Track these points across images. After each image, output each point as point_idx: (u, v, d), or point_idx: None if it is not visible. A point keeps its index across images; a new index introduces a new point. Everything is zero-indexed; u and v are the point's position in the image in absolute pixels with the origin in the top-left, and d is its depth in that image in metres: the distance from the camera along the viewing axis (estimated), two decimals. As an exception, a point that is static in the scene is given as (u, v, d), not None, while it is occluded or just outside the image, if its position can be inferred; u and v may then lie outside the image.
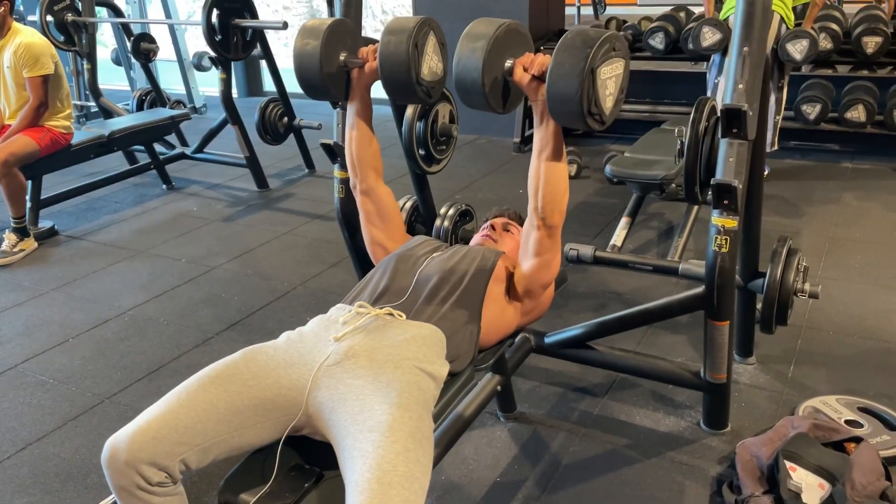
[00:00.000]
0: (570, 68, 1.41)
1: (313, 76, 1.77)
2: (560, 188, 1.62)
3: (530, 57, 1.56)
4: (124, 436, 1.33)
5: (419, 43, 1.68)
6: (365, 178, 1.93)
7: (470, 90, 1.54)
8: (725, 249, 1.88)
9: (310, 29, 1.78)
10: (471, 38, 1.53)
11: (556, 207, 1.63)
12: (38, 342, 2.93)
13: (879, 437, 2.09)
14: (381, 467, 1.23)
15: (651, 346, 2.69)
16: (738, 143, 1.84)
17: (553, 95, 1.45)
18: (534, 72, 1.54)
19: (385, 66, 1.68)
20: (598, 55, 1.41)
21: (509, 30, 1.55)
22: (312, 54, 1.75)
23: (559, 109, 1.47)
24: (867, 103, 4.40)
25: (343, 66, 1.81)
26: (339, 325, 1.55)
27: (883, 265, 3.25)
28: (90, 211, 4.46)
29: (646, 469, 2.08)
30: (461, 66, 1.53)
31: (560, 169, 1.61)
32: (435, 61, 1.73)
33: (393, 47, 1.67)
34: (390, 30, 1.68)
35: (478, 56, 1.50)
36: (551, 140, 1.59)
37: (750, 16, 1.84)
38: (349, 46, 1.82)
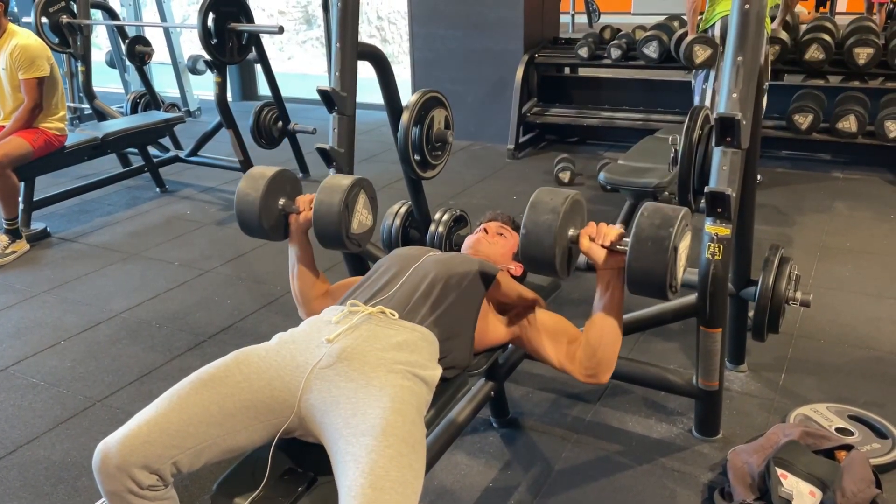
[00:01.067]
0: (653, 246, 1.49)
1: (252, 220, 1.88)
2: (616, 352, 1.69)
3: (594, 227, 1.63)
4: (115, 440, 1.32)
5: (349, 203, 1.81)
6: (311, 309, 1.93)
7: (540, 261, 1.60)
8: (718, 257, 1.90)
9: (253, 176, 1.90)
10: (539, 211, 1.60)
11: (608, 367, 1.70)
12: (30, 344, 2.91)
13: (870, 445, 2.10)
14: (374, 472, 1.23)
15: (644, 352, 2.70)
16: (732, 151, 1.85)
17: (636, 271, 1.52)
18: (603, 243, 1.60)
19: (318, 222, 1.82)
20: (678, 233, 1.49)
21: (573, 201, 1.62)
22: (252, 201, 1.86)
23: (641, 283, 1.53)
24: (858, 114, 4.43)
25: (281, 211, 1.91)
26: (332, 324, 1.55)
27: (873, 274, 3.27)
28: (83, 213, 4.45)
29: (638, 475, 2.09)
30: (532, 238, 1.59)
31: (618, 333, 1.68)
32: (364, 215, 1.88)
33: (326, 207, 1.80)
34: (324, 188, 1.82)
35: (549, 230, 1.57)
36: (617, 306, 1.66)
37: (744, 26, 1.86)
38: (288, 193, 1.92)
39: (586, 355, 1.69)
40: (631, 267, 1.52)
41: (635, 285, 1.55)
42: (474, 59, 5.58)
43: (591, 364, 1.69)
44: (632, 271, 1.53)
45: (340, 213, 1.79)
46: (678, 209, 1.53)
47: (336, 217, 1.79)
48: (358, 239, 1.88)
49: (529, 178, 4.89)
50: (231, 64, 4.54)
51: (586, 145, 5.67)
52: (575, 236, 1.62)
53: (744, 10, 1.86)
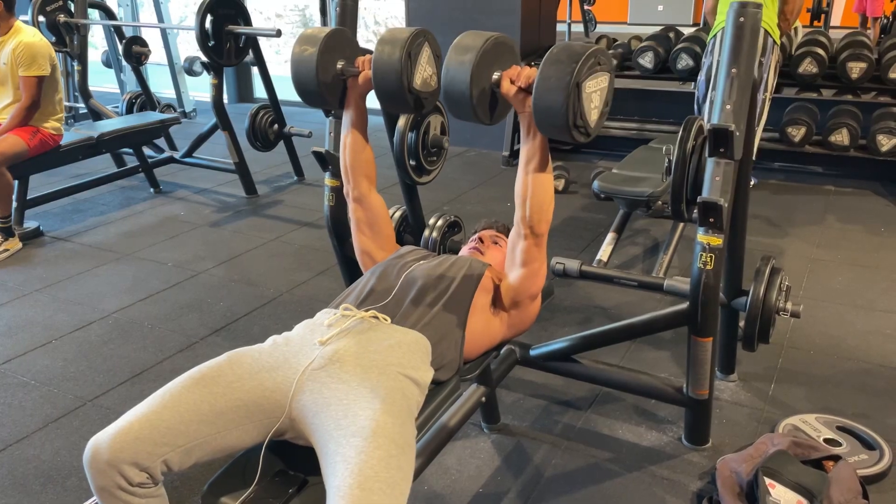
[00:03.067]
0: (556, 81, 1.43)
1: (309, 83, 1.78)
2: (546, 197, 1.65)
3: (517, 69, 1.59)
4: (106, 436, 1.32)
5: (412, 53, 1.68)
6: (357, 185, 1.95)
7: (458, 101, 1.55)
8: (710, 267, 1.91)
9: (308, 36, 1.79)
10: (459, 51, 1.55)
11: (542, 216, 1.66)
12: (21, 343, 2.91)
13: (857, 455, 2.12)
14: (364, 473, 1.24)
15: (635, 360, 2.71)
16: (725, 162, 1.87)
17: (539, 108, 1.47)
18: (521, 84, 1.56)
19: (378, 74, 1.69)
20: (583, 69, 1.44)
21: (497, 42, 1.56)
22: (309, 61, 1.76)
23: (545, 121, 1.49)
24: (851, 127, 4.47)
25: (339, 74, 1.82)
26: (325, 328, 1.56)
27: (863, 287, 3.30)
28: (76, 212, 4.44)
29: (627, 483, 2.09)
30: (449, 77, 1.54)
31: (546, 179, 1.64)
32: (429, 72, 1.74)
33: (387, 56, 1.67)
34: (384, 39, 1.69)
35: (466, 67, 1.52)
36: (538, 151, 1.62)
37: (738, 39, 1.88)
38: (346, 55, 1.83)
39: (519, 213, 1.66)
40: (535, 103, 1.47)
41: (541, 125, 1.50)
42: (471, 65, 5.60)
43: (524, 215, 1.65)
44: (536, 109, 1.47)
45: (402, 62, 1.65)
46: (589, 45, 1.47)
47: (397, 66, 1.65)
48: (420, 96, 1.72)
49: (524, 185, 4.90)
50: (228, 66, 4.55)
51: (581, 153, 5.69)
52: (498, 79, 1.57)
53: (738, 23, 1.88)
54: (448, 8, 5.54)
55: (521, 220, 1.68)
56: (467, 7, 5.47)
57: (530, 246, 1.70)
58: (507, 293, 1.78)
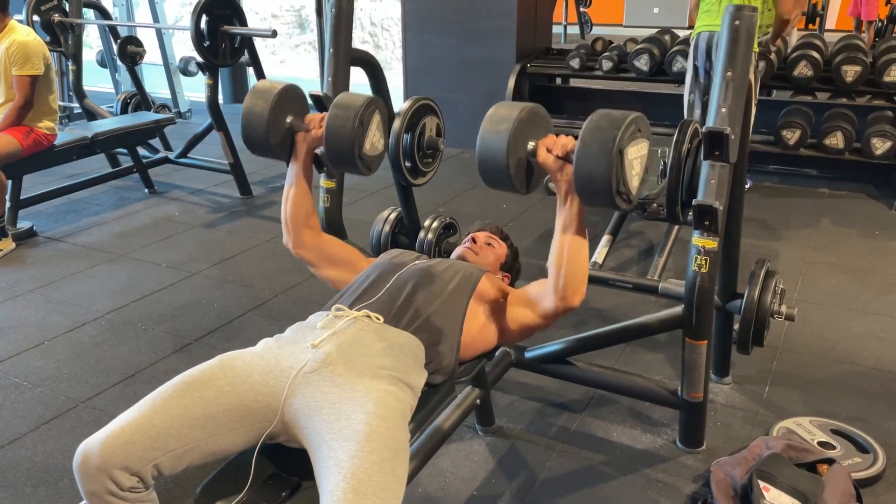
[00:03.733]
0: (598, 148, 1.43)
1: (258, 135, 1.81)
2: (583, 268, 1.63)
3: (553, 138, 1.58)
4: (97, 440, 1.31)
5: (364, 121, 1.75)
6: (298, 236, 1.91)
7: (495, 171, 1.55)
8: (705, 270, 1.91)
9: (260, 90, 1.83)
10: (494, 121, 1.55)
11: (577, 288, 1.63)
12: (13, 344, 2.89)
13: (851, 459, 2.12)
14: (356, 477, 1.23)
15: (629, 363, 2.71)
16: (720, 165, 1.87)
17: (581, 175, 1.46)
18: (557, 152, 1.55)
19: (330, 137, 1.74)
20: (625, 136, 1.44)
21: (532, 112, 1.57)
22: (260, 115, 1.79)
23: (587, 189, 1.48)
24: (845, 130, 4.48)
25: (289, 128, 1.85)
26: (317, 329, 1.55)
27: (857, 290, 3.30)
28: (70, 213, 4.42)
29: (622, 486, 2.09)
30: (485, 148, 1.54)
31: (584, 249, 1.62)
32: (377, 137, 1.80)
33: (340, 122, 1.73)
34: (338, 104, 1.75)
35: (502, 137, 1.52)
36: (575, 219, 1.60)
37: (734, 43, 1.88)
38: (296, 111, 1.87)
39: (552, 279, 1.64)
40: (577, 172, 1.46)
41: (583, 192, 1.49)
42: (467, 67, 5.60)
43: (560, 286, 1.63)
44: (578, 177, 1.47)
45: (354, 130, 1.71)
46: (628, 113, 1.48)
47: (350, 133, 1.71)
48: (369, 161, 1.80)
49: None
50: (223, 66, 4.54)
51: (576, 156, 5.69)
52: (534, 148, 1.57)
53: (734, 26, 1.88)
54: (444, 9, 5.55)
55: (553, 290, 1.64)
56: (463, 8, 5.47)
57: (557, 312, 1.68)
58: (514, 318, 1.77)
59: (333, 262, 1.94)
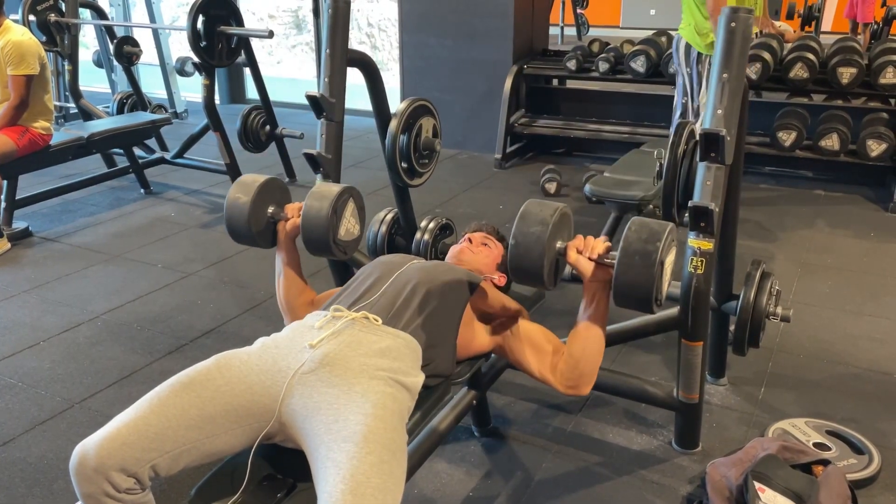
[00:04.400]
0: (641, 260, 1.51)
1: (241, 226, 1.91)
2: (598, 364, 1.71)
3: (581, 240, 1.65)
4: (93, 442, 1.31)
5: (338, 209, 1.85)
6: (295, 316, 1.93)
7: (529, 271, 1.62)
8: (701, 271, 1.91)
9: (243, 183, 1.93)
10: (528, 223, 1.62)
11: (590, 380, 1.71)
12: (8, 344, 2.88)
13: (846, 460, 2.12)
14: (355, 478, 1.23)
15: (625, 364, 2.71)
16: (716, 167, 1.88)
17: (623, 284, 1.54)
18: (590, 255, 1.63)
19: (307, 226, 1.84)
20: (664, 247, 1.51)
21: (562, 214, 1.64)
22: (242, 207, 1.89)
23: (627, 296, 1.55)
24: (841, 132, 4.49)
25: (270, 218, 1.94)
26: (315, 330, 1.55)
27: (852, 292, 3.31)
28: (66, 213, 4.41)
29: (617, 487, 2.09)
30: (521, 249, 1.61)
31: (601, 345, 1.69)
32: (352, 223, 1.92)
33: (315, 211, 1.83)
34: (314, 195, 1.85)
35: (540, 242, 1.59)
36: (601, 318, 1.68)
37: (729, 44, 1.89)
38: (277, 200, 1.95)
39: (568, 367, 1.70)
40: (618, 280, 1.55)
41: (622, 298, 1.57)
42: (463, 68, 5.61)
43: (573, 376, 1.70)
44: (619, 285, 1.55)
45: (329, 219, 1.82)
46: (664, 224, 1.55)
47: (324, 222, 1.82)
48: (345, 246, 1.92)
49: (516, 188, 4.91)
50: (220, 67, 4.53)
51: (573, 157, 5.70)
52: (563, 248, 1.64)
53: (730, 28, 1.89)
54: (441, 10, 5.54)
55: (567, 376, 1.70)
56: (460, 10, 5.47)
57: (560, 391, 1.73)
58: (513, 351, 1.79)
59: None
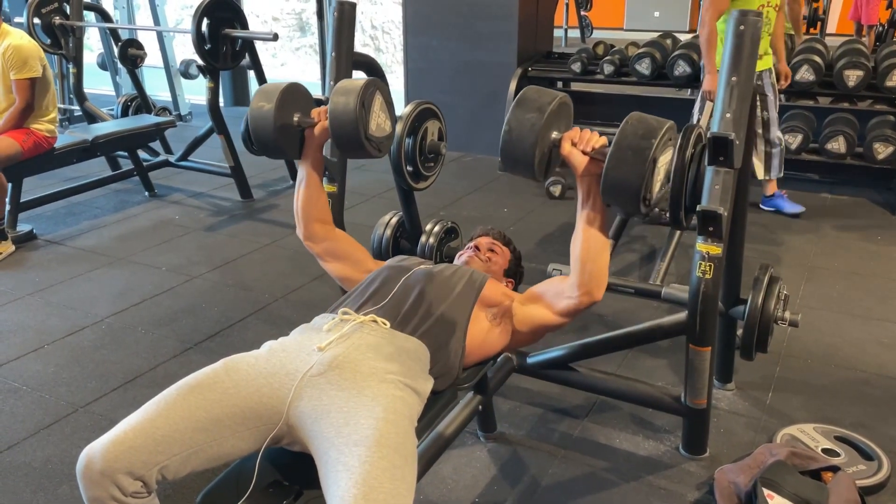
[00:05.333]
0: (633, 156, 1.45)
1: (267, 136, 1.82)
2: (606, 262, 1.67)
3: (577, 132, 1.59)
4: (100, 445, 1.30)
5: (366, 102, 1.76)
6: (308, 228, 1.93)
7: (519, 160, 1.56)
8: (709, 276, 1.90)
9: (265, 92, 1.84)
10: (524, 108, 1.55)
11: (602, 281, 1.67)
12: (12, 348, 2.88)
13: (856, 466, 2.11)
14: (367, 483, 1.22)
15: (632, 369, 2.70)
16: (725, 171, 1.86)
17: (612, 178, 1.48)
18: (584, 148, 1.57)
19: (335, 124, 1.76)
20: (659, 145, 1.46)
21: (561, 103, 1.57)
22: (267, 116, 1.80)
23: (615, 192, 1.50)
24: (847, 135, 4.47)
25: (296, 126, 1.86)
26: (323, 332, 1.54)
27: (860, 296, 3.29)
28: (70, 216, 4.41)
29: (624, 493, 2.08)
30: (514, 135, 1.55)
31: (605, 243, 1.65)
32: (382, 118, 1.83)
33: (342, 107, 1.75)
34: (338, 91, 1.77)
35: (534, 129, 1.52)
36: (599, 215, 1.63)
37: (738, 48, 1.87)
38: (302, 107, 1.87)
39: (575, 274, 1.66)
40: (608, 174, 1.48)
41: (609, 193, 1.51)
42: (468, 71, 5.60)
43: (583, 280, 1.65)
44: (608, 178, 1.49)
45: (357, 112, 1.73)
46: (663, 122, 1.49)
47: (353, 116, 1.73)
48: (378, 143, 1.81)
49: (520, 190, 4.89)
50: (224, 69, 4.53)
51: (577, 159, 5.68)
52: (557, 139, 1.58)
53: (738, 31, 1.87)
54: (445, 12, 5.54)
55: (577, 285, 1.66)
56: (464, 12, 5.47)
57: (579, 306, 1.70)
58: (525, 320, 1.77)
59: (339, 257, 1.96)
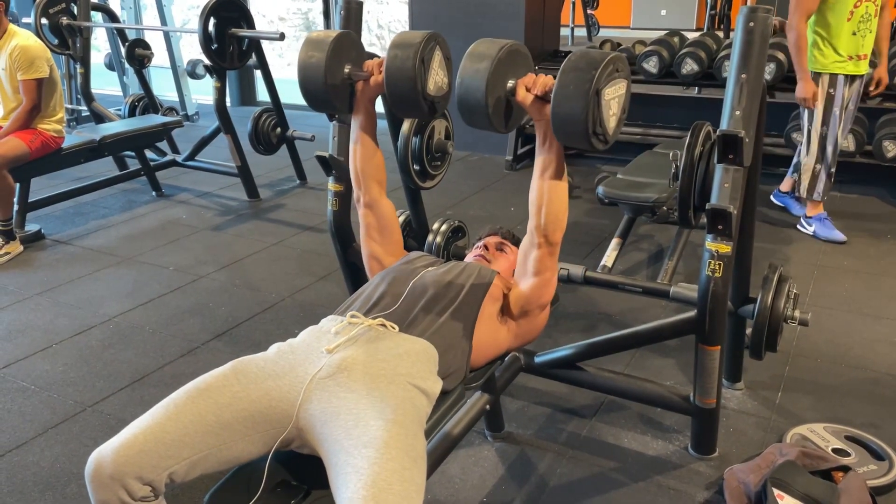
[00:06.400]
0: (575, 89, 1.42)
1: (317, 88, 1.75)
2: (562, 206, 1.65)
3: (532, 77, 1.58)
4: (110, 449, 1.30)
5: (426, 58, 1.67)
6: (368, 190, 1.92)
7: (473, 110, 1.54)
8: (718, 274, 1.89)
9: (315, 41, 1.75)
10: (473, 59, 1.53)
11: (558, 225, 1.65)
12: (21, 347, 2.88)
13: (866, 466, 2.09)
14: (377, 485, 1.21)
15: (640, 368, 2.68)
16: (734, 168, 1.85)
17: (558, 116, 1.46)
18: (537, 92, 1.55)
19: (391, 80, 1.68)
20: (602, 76, 1.43)
21: (511, 50, 1.55)
22: (317, 66, 1.73)
23: (564, 129, 1.47)
24: (857, 133, 4.44)
25: (347, 78, 1.79)
26: (332, 335, 1.53)
27: (869, 294, 3.27)
28: (78, 216, 4.42)
29: (633, 493, 2.07)
30: (464, 87, 1.53)
31: (562, 188, 1.63)
32: (441, 76, 1.73)
33: (399, 62, 1.65)
34: (396, 44, 1.68)
35: (481, 76, 1.50)
36: (554, 160, 1.61)
37: (748, 45, 1.86)
38: (353, 59, 1.80)
39: (534, 220, 1.65)
40: (554, 111, 1.45)
41: (559, 132, 1.48)
42: (474, 69, 5.58)
43: (539, 223, 1.64)
44: (555, 116, 1.46)
45: (416, 69, 1.64)
46: (607, 53, 1.47)
47: (411, 73, 1.64)
48: (435, 102, 1.72)
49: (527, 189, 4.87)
50: (231, 69, 4.53)
51: (584, 158, 5.67)
52: (513, 87, 1.56)
53: (748, 28, 1.86)
54: (451, 11, 5.53)
55: (535, 228, 1.66)
56: (470, 11, 5.46)
57: (544, 255, 1.68)
58: (518, 302, 1.76)
59: (384, 233, 1.94)
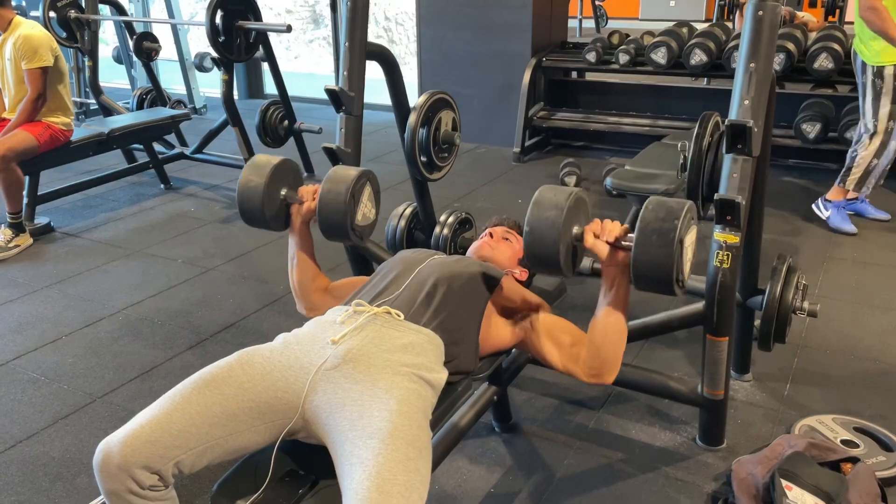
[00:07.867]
0: (658, 239, 1.45)
1: (254, 209, 1.86)
2: (621, 350, 1.65)
3: (598, 224, 1.60)
4: (117, 439, 1.31)
5: (356, 194, 1.82)
6: (308, 301, 1.93)
7: (545, 259, 1.57)
8: (727, 265, 1.88)
9: (256, 165, 1.88)
10: (542, 208, 1.57)
11: (614, 367, 1.66)
12: (31, 339, 2.90)
13: (875, 457, 2.08)
14: (381, 475, 1.22)
15: (648, 359, 2.68)
16: (743, 159, 1.84)
17: (642, 265, 1.48)
18: (607, 239, 1.57)
19: (323, 210, 1.82)
20: (683, 225, 1.46)
21: (577, 198, 1.59)
22: (255, 190, 1.84)
23: (647, 277, 1.50)
24: (867, 124, 4.40)
25: (283, 201, 1.90)
26: (337, 325, 1.53)
27: (878, 286, 3.25)
28: (87, 208, 4.44)
29: (641, 484, 2.07)
30: (535, 235, 1.56)
31: (625, 332, 1.65)
32: (369, 208, 1.89)
33: (332, 195, 1.80)
34: (330, 178, 1.82)
35: (555, 226, 1.53)
36: (622, 303, 1.62)
37: (757, 33, 1.85)
38: (290, 183, 1.91)
39: (590, 355, 1.66)
40: (636, 261, 1.49)
41: (642, 280, 1.51)
42: (482, 61, 5.57)
43: (596, 364, 1.65)
44: (637, 266, 1.49)
45: (347, 204, 1.79)
46: (683, 202, 1.50)
47: (342, 207, 1.79)
48: (361, 231, 1.89)
49: (535, 181, 4.86)
50: (238, 62, 4.53)
51: (592, 150, 5.65)
52: (579, 233, 1.59)
53: (757, 17, 1.85)
54: (459, 3, 5.51)
55: (589, 364, 1.66)
56: (478, 2, 5.44)
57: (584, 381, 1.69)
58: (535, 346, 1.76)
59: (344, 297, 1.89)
